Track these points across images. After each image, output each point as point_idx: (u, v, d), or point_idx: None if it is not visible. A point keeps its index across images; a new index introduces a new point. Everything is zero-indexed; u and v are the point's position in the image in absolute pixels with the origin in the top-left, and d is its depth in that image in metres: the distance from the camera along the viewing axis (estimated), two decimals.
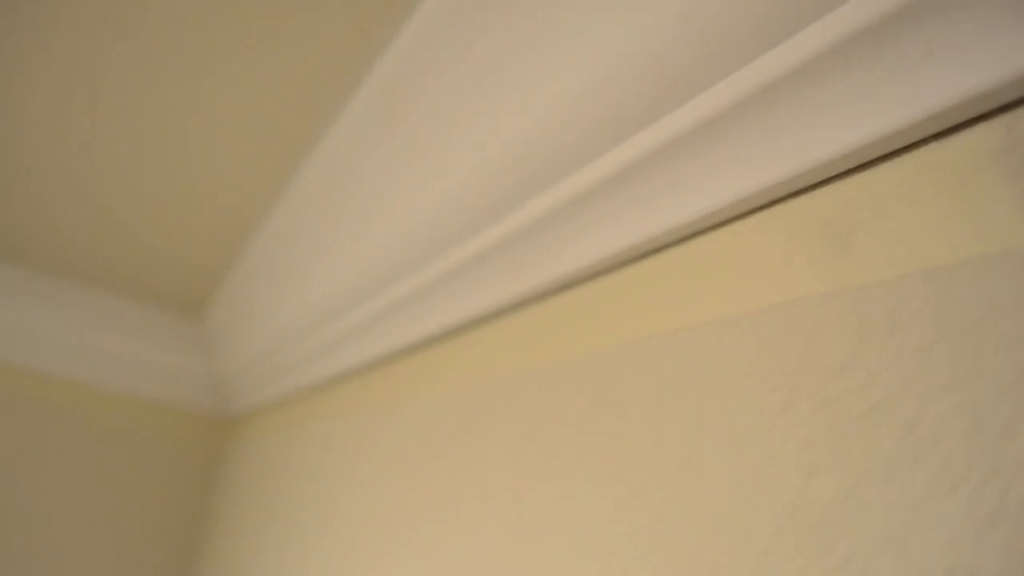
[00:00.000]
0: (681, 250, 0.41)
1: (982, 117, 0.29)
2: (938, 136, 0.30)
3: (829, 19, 0.31)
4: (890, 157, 0.32)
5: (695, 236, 0.40)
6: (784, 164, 0.35)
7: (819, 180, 0.34)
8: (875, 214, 0.31)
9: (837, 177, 0.34)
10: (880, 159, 0.32)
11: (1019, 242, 0.27)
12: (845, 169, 0.33)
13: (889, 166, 0.32)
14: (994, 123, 0.29)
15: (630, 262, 0.46)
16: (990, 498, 0.26)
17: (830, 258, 0.33)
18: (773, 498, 0.33)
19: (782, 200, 0.36)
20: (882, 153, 0.32)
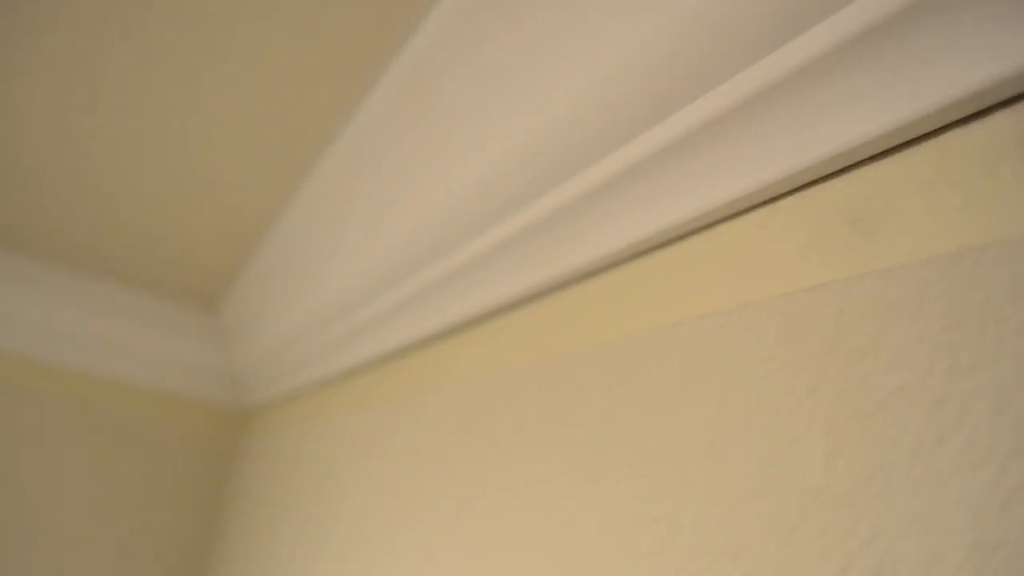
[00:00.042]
0: (706, 237, 0.42)
1: (1003, 104, 0.30)
2: (960, 123, 0.31)
3: (852, 9, 0.32)
4: (913, 144, 0.32)
5: (720, 224, 0.41)
6: (807, 152, 0.35)
7: (842, 167, 0.35)
8: (899, 200, 0.32)
9: (860, 164, 0.34)
10: (903, 146, 0.33)
11: None
12: (868, 156, 0.34)
13: (912, 153, 0.32)
14: (1015, 110, 0.30)
15: (654, 250, 0.46)
16: (1015, 475, 0.27)
17: (854, 243, 0.33)
18: (798, 480, 0.34)
19: (806, 187, 0.37)
20: (905, 140, 0.32)
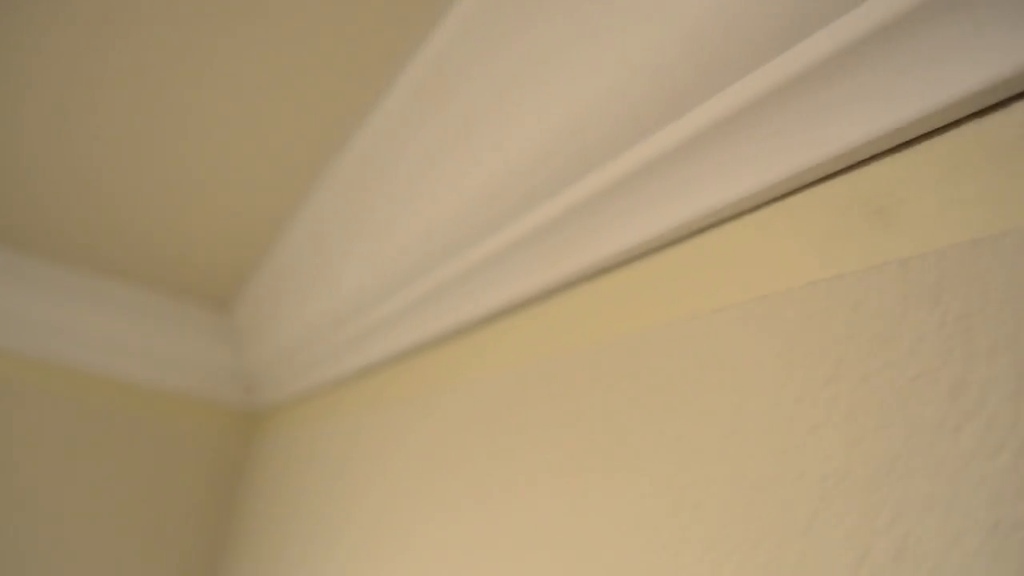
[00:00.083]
0: (722, 233, 0.43)
1: (1019, 97, 0.31)
2: (976, 116, 0.32)
3: (868, 6, 0.33)
4: (929, 137, 0.33)
5: (736, 219, 0.42)
6: (824, 147, 0.36)
7: (859, 161, 0.36)
8: (917, 190, 0.33)
9: (879, 156, 0.35)
10: (919, 139, 0.33)
11: None
12: (885, 150, 0.34)
13: (930, 145, 0.33)
14: None
15: (670, 246, 0.47)
16: None
17: (872, 235, 0.34)
18: (819, 466, 0.35)
19: (823, 181, 0.38)
20: (921, 134, 0.33)
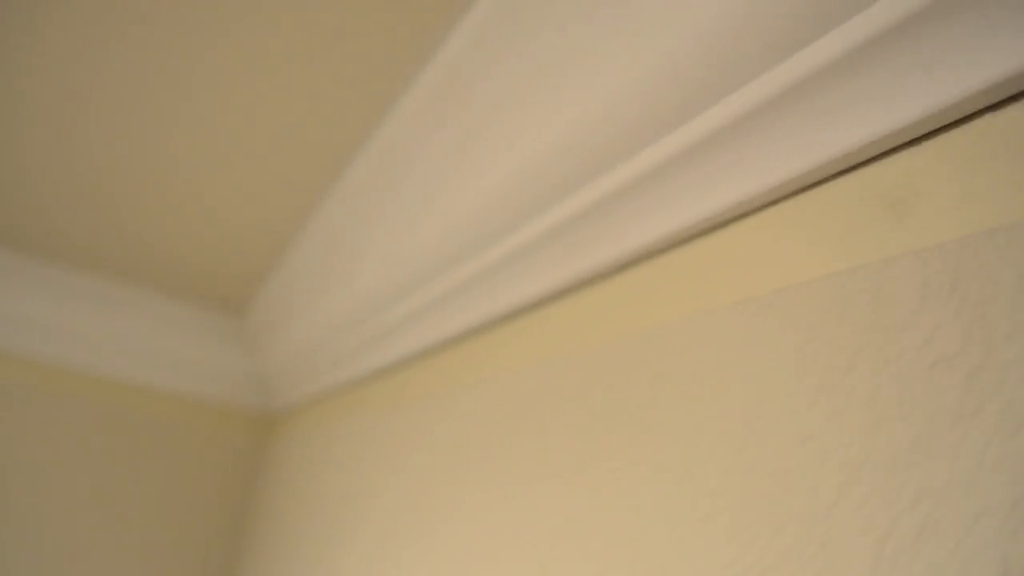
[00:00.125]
0: (744, 226, 0.44)
1: None
2: (991, 109, 0.33)
3: (885, 1, 0.34)
4: (945, 130, 0.34)
5: (758, 212, 0.43)
6: (843, 141, 0.37)
7: (877, 154, 0.37)
8: (934, 182, 0.34)
9: (894, 151, 0.36)
10: (936, 132, 0.34)
11: None
12: (902, 143, 0.36)
13: (945, 139, 0.34)
14: None
15: (691, 240, 0.48)
16: None
17: (892, 225, 0.35)
18: (841, 451, 0.36)
19: (842, 175, 0.39)
20: (937, 127, 0.34)
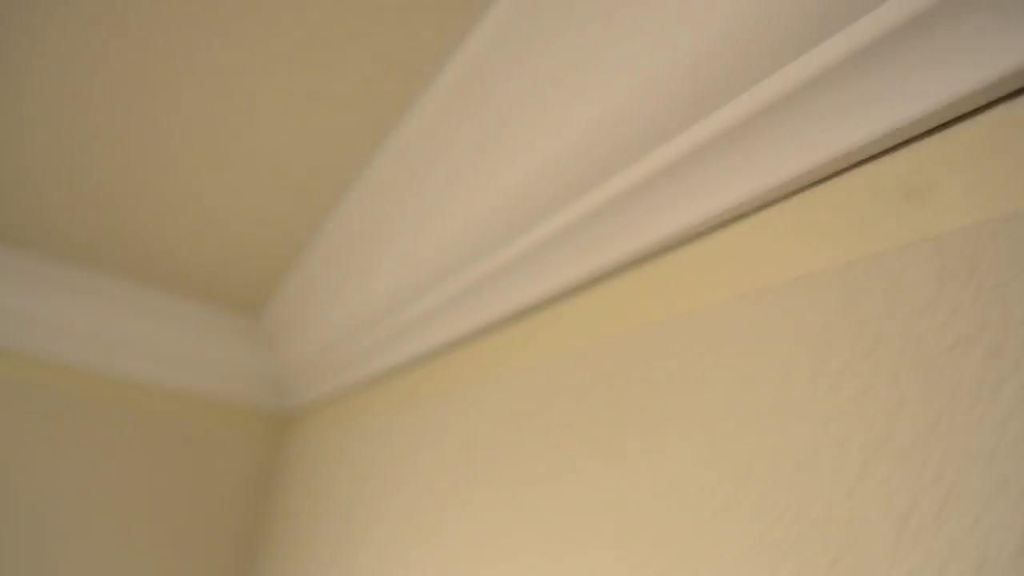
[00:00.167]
0: (764, 216, 0.45)
1: None
2: (1007, 98, 0.34)
3: None
4: (962, 120, 0.35)
5: (778, 202, 0.44)
6: (861, 132, 0.38)
7: (895, 145, 0.38)
8: (951, 169, 0.35)
9: (912, 141, 0.37)
10: (953, 122, 0.36)
11: None
12: (919, 133, 0.37)
13: (961, 128, 0.35)
14: None
15: (712, 231, 0.49)
16: None
17: (910, 212, 0.36)
18: (863, 431, 0.37)
19: (859, 165, 0.40)
20: (954, 116, 0.35)
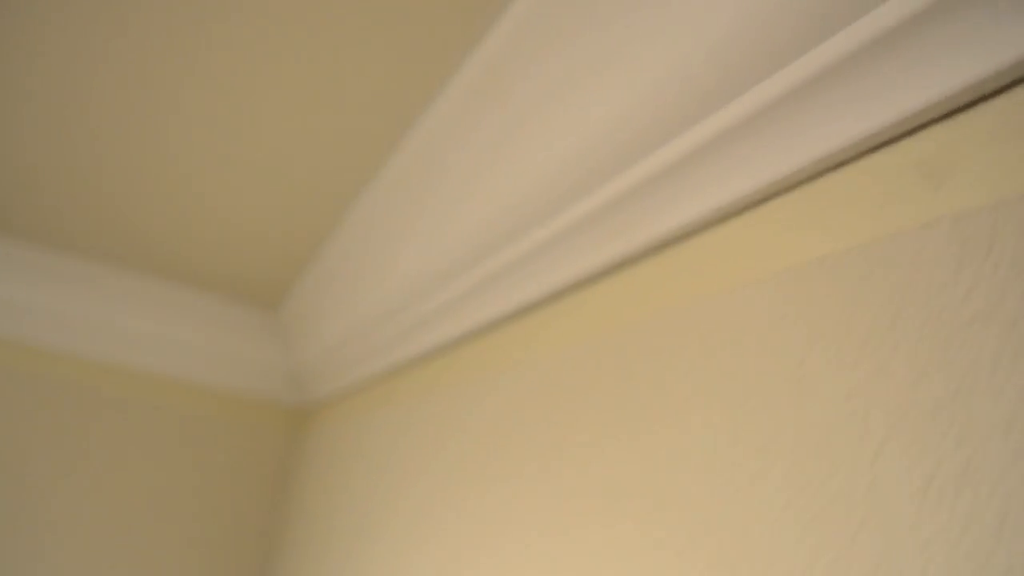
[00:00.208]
0: (786, 199, 0.47)
1: None
2: (1022, 81, 0.36)
3: None
4: (979, 103, 0.37)
5: (800, 186, 0.46)
6: (879, 115, 0.40)
7: (912, 128, 0.40)
8: (968, 151, 0.36)
9: (930, 124, 0.39)
10: (969, 105, 0.37)
11: None
12: (938, 116, 0.38)
13: (978, 111, 0.37)
14: None
15: (734, 215, 0.51)
16: None
17: (929, 193, 0.38)
18: (885, 401, 0.39)
19: (878, 148, 0.41)
20: (971, 100, 0.37)
